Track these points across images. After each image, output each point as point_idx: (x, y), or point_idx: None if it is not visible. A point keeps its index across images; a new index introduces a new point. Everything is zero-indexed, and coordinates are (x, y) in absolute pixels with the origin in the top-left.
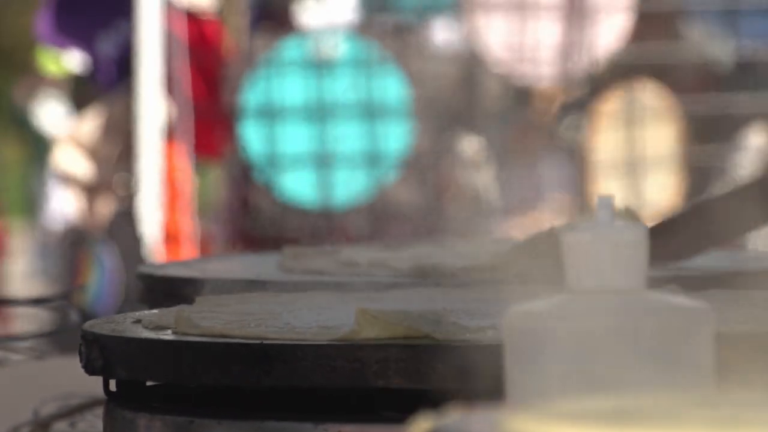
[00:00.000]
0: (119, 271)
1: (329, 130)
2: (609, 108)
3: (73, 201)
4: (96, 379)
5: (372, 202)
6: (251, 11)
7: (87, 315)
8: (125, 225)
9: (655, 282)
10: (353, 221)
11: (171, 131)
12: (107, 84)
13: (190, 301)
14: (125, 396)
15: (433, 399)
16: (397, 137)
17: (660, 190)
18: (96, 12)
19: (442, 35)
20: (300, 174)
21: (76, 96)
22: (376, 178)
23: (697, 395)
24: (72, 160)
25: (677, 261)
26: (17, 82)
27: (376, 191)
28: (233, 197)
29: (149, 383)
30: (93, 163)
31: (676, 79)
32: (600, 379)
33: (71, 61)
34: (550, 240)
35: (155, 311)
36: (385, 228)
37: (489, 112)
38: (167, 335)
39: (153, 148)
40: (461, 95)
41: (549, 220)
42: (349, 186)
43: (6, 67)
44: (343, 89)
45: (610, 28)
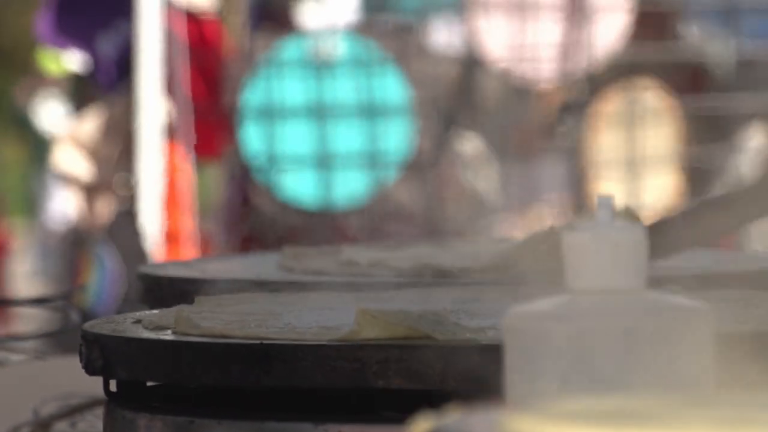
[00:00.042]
0: (120, 272)
1: (329, 130)
2: (609, 108)
3: (74, 201)
4: (96, 379)
5: (372, 202)
6: (251, 11)
7: (87, 315)
8: (125, 225)
9: (655, 282)
10: (353, 221)
11: (171, 131)
12: (107, 84)
13: (190, 302)
14: (125, 396)
15: (434, 399)
16: (397, 137)
17: (660, 190)
18: (96, 12)
19: (442, 35)
20: (300, 174)
21: (76, 96)
22: (376, 178)
23: (697, 395)
24: (72, 160)
25: (666, 256)
26: (17, 82)
27: (376, 191)
28: (233, 197)
29: (149, 383)
30: (93, 163)
31: (676, 79)
32: (600, 379)
33: (71, 61)
34: (549, 240)
35: (155, 311)
36: (385, 228)
37: (489, 112)
38: (167, 335)
39: (153, 148)
40: (461, 95)
41: (549, 220)
42: (349, 186)
43: (6, 68)
44: (343, 89)
45: (609, 28)
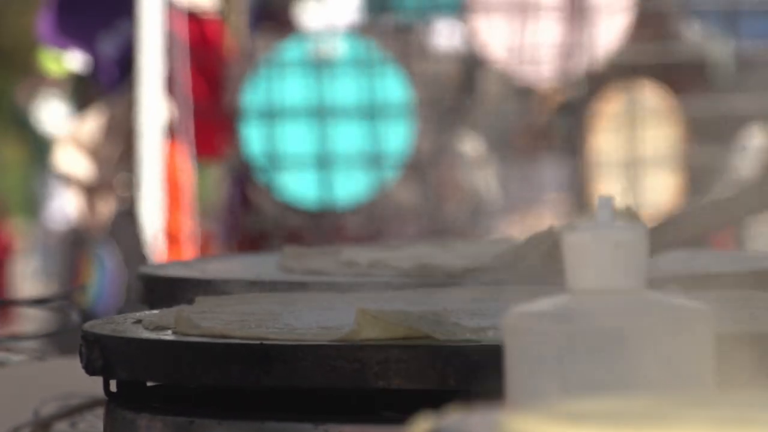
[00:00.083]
0: (120, 272)
1: (330, 130)
2: (609, 108)
3: (74, 201)
4: (96, 380)
5: (372, 202)
6: (252, 11)
7: (88, 315)
8: (126, 225)
9: (655, 282)
10: (354, 221)
11: (172, 131)
12: (108, 84)
13: (190, 302)
14: (126, 396)
15: (434, 399)
16: (398, 137)
17: (660, 190)
18: (97, 12)
19: (442, 36)
20: (300, 174)
21: (77, 96)
22: (376, 178)
23: (697, 395)
24: (73, 160)
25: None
26: (18, 82)
27: (376, 191)
28: (234, 197)
29: (150, 383)
30: (94, 164)
31: (676, 80)
32: (600, 380)
33: (72, 62)
34: (549, 240)
35: (156, 312)
36: (386, 228)
37: (489, 112)
38: (167, 336)
39: (154, 148)
40: (462, 95)
41: (549, 220)
42: (350, 186)
43: (7, 68)
44: (344, 90)
45: (610, 28)
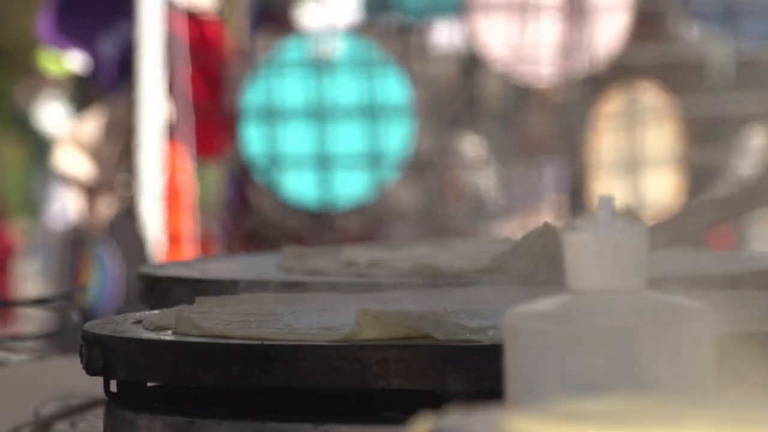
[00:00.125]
0: (120, 272)
1: (329, 130)
2: (609, 108)
3: (74, 201)
4: (97, 380)
5: (372, 202)
6: (252, 12)
7: (88, 315)
8: (126, 225)
9: (656, 282)
10: (353, 221)
11: (172, 131)
12: (108, 84)
13: (190, 302)
14: (126, 396)
15: (434, 400)
16: (398, 138)
17: (660, 190)
18: (97, 12)
19: (442, 36)
20: (300, 174)
21: (77, 97)
22: (376, 178)
23: (697, 396)
24: (73, 160)
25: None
26: (18, 82)
27: (376, 192)
28: (234, 197)
29: (150, 384)
30: (94, 164)
31: (675, 80)
32: (600, 380)
33: (72, 62)
34: (544, 238)
35: (156, 312)
36: (386, 228)
37: (489, 112)
38: (168, 336)
39: (154, 148)
40: (462, 96)
41: (548, 220)
42: (350, 186)
43: (7, 68)
44: (344, 90)
45: (610, 28)
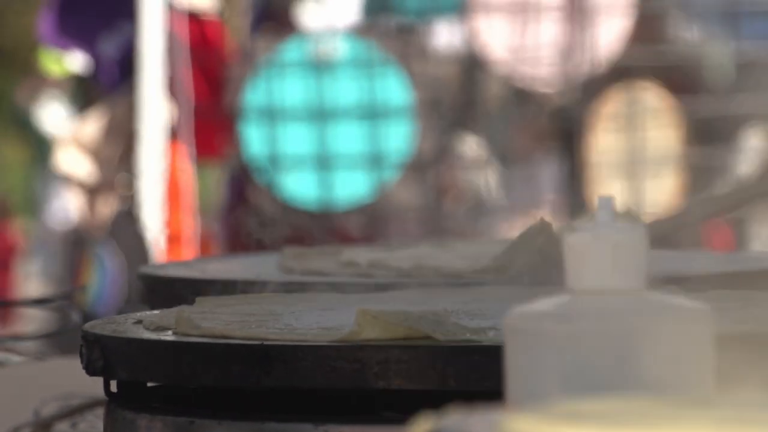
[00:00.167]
0: (120, 272)
1: (330, 131)
2: (609, 109)
3: (75, 201)
4: (97, 380)
5: (373, 202)
6: (252, 12)
7: (88, 315)
8: (127, 225)
9: (655, 282)
10: (354, 222)
11: (172, 132)
12: (109, 85)
13: (190, 302)
14: (126, 397)
15: (434, 400)
16: (399, 138)
17: (660, 190)
18: (98, 13)
19: (443, 37)
20: (301, 175)
21: (78, 97)
22: (376, 179)
23: (697, 396)
24: (74, 160)
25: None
26: (19, 83)
27: (376, 192)
28: (234, 198)
29: (150, 384)
30: (95, 164)
31: (676, 80)
32: (600, 380)
33: (73, 62)
34: (542, 235)
35: (156, 312)
36: (386, 228)
37: (490, 113)
38: (168, 336)
39: (155, 148)
40: (462, 97)
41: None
42: (350, 187)
43: (8, 68)
44: (344, 90)
45: (610, 29)
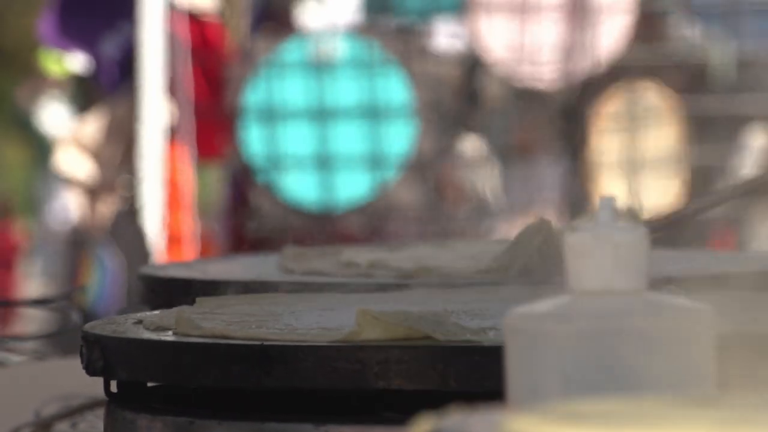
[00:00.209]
0: (121, 272)
1: (330, 131)
2: (610, 109)
3: (76, 202)
4: (97, 380)
5: (373, 203)
6: (252, 13)
7: (88, 316)
8: (127, 226)
9: (656, 283)
10: (354, 222)
11: (173, 132)
12: (110, 86)
13: (191, 302)
14: (126, 397)
15: (434, 400)
16: (399, 138)
17: (661, 190)
18: (99, 14)
19: (444, 37)
20: (301, 175)
21: (78, 97)
22: (377, 179)
23: (698, 396)
24: (74, 161)
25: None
26: (20, 83)
27: (377, 192)
28: (234, 198)
29: (150, 384)
30: (95, 165)
31: (676, 80)
32: (600, 380)
33: (74, 63)
34: (541, 234)
35: (156, 312)
36: (386, 229)
37: (491, 113)
38: (168, 336)
39: (155, 149)
40: (463, 97)
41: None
42: (351, 187)
43: (9, 69)
44: (345, 90)
45: (611, 29)
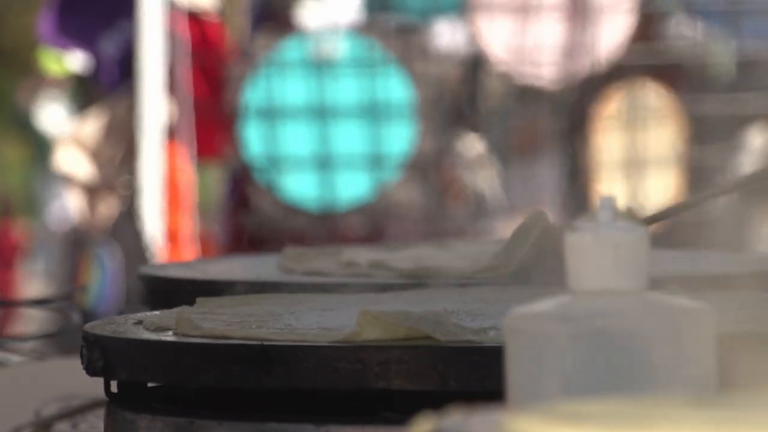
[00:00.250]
0: (121, 272)
1: (330, 130)
2: (610, 108)
3: (75, 202)
4: (97, 380)
5: (373, 203)
6: (252, 11)
7: (88, 316)
8: (127, 226)
9: (656, 283)
10: (354, 222)
11: (172, 131)
12: (109, 85)
13: (191, 303)
14: (126, 397)
15: (435, 400)
16: (399, 138)
17: (661, 190)
18: (98, 12)
19: (444, 36)
20: (301, 175)
21: (78, 97)
22: (377, 179)
23: (699, 396)
24: (74, 160)
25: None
26: (19, 82)
27: (377, 192)
28: (234, 198)
29: (150, 384)
30: (95, 164)
31: (677, 80)
32: (601, 381)
33: (73, 62)
34: (537, 229)
35: (156, 312)
36: (387, 229)
37: (491, 112)
38: (168, 336)
39: (154, 148)
40: (464, 96)
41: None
42: (351, 187)
43: (8, 68)
44: (345, 90)
45: (611, 28)
